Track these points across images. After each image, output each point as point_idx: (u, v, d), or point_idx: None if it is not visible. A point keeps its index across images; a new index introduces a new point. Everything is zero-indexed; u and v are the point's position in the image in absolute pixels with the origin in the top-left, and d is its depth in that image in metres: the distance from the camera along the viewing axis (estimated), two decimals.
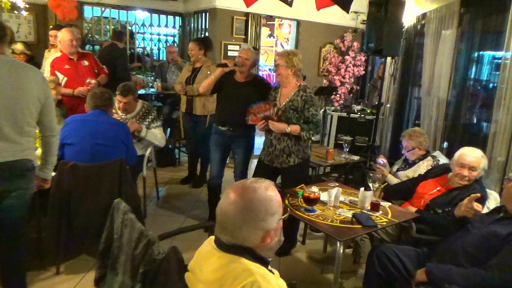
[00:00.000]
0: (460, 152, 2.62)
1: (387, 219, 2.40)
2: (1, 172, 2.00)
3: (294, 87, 2.98)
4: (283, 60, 2.92)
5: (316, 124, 2.93)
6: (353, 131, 5.30)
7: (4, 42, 2.03)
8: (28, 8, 4.86)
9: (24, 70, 2.05)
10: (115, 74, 4.72)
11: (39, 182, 2.30)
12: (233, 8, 5.77)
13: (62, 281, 2.67)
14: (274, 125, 2.90)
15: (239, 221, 1.22)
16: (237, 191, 1.26)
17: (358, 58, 6.50)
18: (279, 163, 3.04)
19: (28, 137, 2.11)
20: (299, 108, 2.92)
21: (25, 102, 2.04)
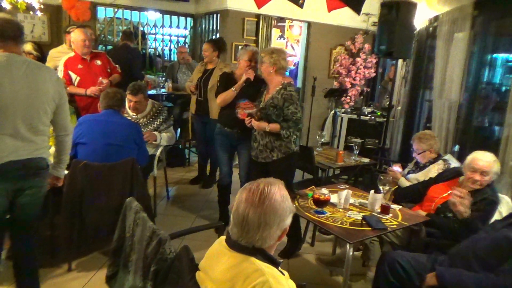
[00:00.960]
0: (472, 156, 2.60)
1: (397, 222, 2.39)
2: (17, 170, 2.03)
3: (277, 84, 3.03)
4: (266, 58, 2.98)
5: (295, 122, 2.96)
6: (363, 134, 5.29)
7: (20, 42, 2.06)
8: (42, 9, 4.94)
9: (40, 70, 2.08)
10: (132, 74, 4.76)
11: (52, 180, 2.34)
12: (244, 10, 5.79)
13: (74, 278, 2.71)
14: (255, 123, 2.99)
15: (262, 225, 1.24)
16: (254, 195, 1.27)
17: (369, 60, 6.47)
18: (263, 158, 3.11)
19: (43, 136, 2.14)
20: (278, 106, 2.96)
21: (41, 102, 2.07)
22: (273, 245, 1.31)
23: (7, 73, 1.94)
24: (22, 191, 2.10)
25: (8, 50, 1.99)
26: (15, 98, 1.97)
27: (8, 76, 1.95)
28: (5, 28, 1.97)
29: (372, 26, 6.51)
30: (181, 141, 5.75)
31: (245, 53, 3.31)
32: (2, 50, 1.98)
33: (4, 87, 1.93)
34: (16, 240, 2.23)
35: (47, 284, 2.60)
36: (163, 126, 3.79)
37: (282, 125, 2.95)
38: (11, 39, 1.99)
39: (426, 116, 5.35)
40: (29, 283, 2.29)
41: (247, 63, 3.29)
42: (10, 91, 1.95)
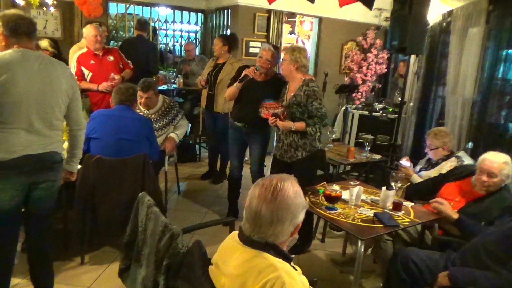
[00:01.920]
0: (482, 157, 2.54)
1: (409, 219, 2.37)
2: (32, 164, 2.05)
3: (299, 82, 3.01)
4: (287, 56, 2.97)
5: (321, 118, 2.94)
6: (375, 130, 5.24)
7: (33, 38, 2.08)
8: (55, 5, 4.97)
9: (53, 65, 2.11)
10: (148, 68, 4.78)
11: (65, 175, 2.36)
12: (255, 5, 5.77)
13: (87, 271, 2.74)
14: (280, 123, 2.97)
15: (274, 220, 1.24)
16: (267, 191, 1.27)
17: (380, 56, 6.40)
18: (288, 157, 3.09)
19: (57, 131, 2.17)
20: (302, 103, 2.94)
21: (55, 97, 2.10)
22: (286, 240, 1.31)
23: (21, 69, 1.97)
24: (36, 185, 2.13)
25: (22, 45, 2.01)
26: (29, 93, 1.99)
27: (23, 71, 1.97)
28: (19, 24, 1.99)
29: (384, 21, 6.43)
30: (192, 137, 5.77)
31: (260, 49, 3.30)
32: (16, 46, 2.00)
33: (19, 82, 1.95)
34: (31, 233, 2.26)
35: (60, 276, 2.64)
36: (176, 120, 3.82)
37: (308, 122, 2.92)
38: (25, 35, 2.02)
39: (438, 112, 5.28)
40: (44, 275, 2.32)
41: (258, 59, 3.26)
42: (24, 86, 1.97)
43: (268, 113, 3.03)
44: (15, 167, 2.01)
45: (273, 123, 3.03)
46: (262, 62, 3.22)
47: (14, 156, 1.99)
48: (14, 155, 1.99)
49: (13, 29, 1.98)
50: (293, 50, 2.96)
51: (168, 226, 1.71)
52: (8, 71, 1.93)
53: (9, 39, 2.00)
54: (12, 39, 2.00)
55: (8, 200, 2.03)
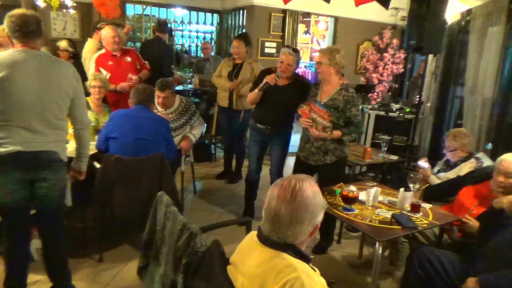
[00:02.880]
0: (501, 158, 2.49)
1: (428, 221, 2.34)
2: (27, 161, 2.07)
3: (336, 85, 2.92)
4: (326, 58, 2.85)
5: (357, 126, 2.89)
6: (391, 130, 5.19)
7: (36, 37, 2.08)
8: (74, 7, 5.07)
9: (52, 64, 2.10)
10: (162, 71, 4.82)
11: (73, 174, 2.39)
12: (271, 5, 5.78)
13: (105, 269, 2.79)
14: (315, 133, 2.88)
15: (293, 221, 1.24)
16: (286, 191, 1.27)
17: (397, 56, 6.34)
18: (314, 160, 3.02)
19: (56, 130, 2.16)
20: (340, 107, 2.87)
21: (53, 95, 2.09)
22: (305, 241, 1.31)
23: (19, 68, 1.99)
24: (37, 183, 2.15)
25: (26, 45, 2.05)
26: (26, 92, 2.02)
27: (21, 71, 2.00)
28: (22, 24, 2.02)
29: (401, 20, 6.37)
30: (208, 137, 5.80)
31: (280, 53, 3.21)
32: (20, 45, 2.04)
33: (17, 81, 1.99)
34: (43, 232, 2.32)
35: (79, 274, 2.68)
36: (193, 120, 3.85)
37: (344, 131, 2.85)
38: (28, 34, 2.04)
39: (457, 113, 5.21)
40: (59, 271, 2.37)
41: (279, 64, 3.17)
42: (21, 86, 2.00)
43: (306, 113, 2.92)
44: (9, 162, 2.04)
45: (305, 125, 2.95)
46: (284, 67, 3.13)
47: (7, 151, 2.02)
48: (7, 150, 2.02)
49: (16, 29, 2.01)
50: (331, 52, 2.86)
51: (186, 225, 1.72)
52: (6, 71, 1.97)
53: (13, 38, 2.05)
54: (16, 38, 2.04)
55: (8, 193, 2.09)
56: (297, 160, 3.20)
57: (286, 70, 3.15)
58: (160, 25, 5.27)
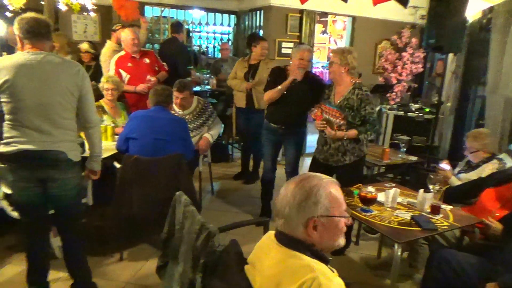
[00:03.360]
0: None
1: (448, 223, 2.31)
2: (33, 160, 2.11)
3: (348, 85, 2.93)
4: (337, 58, 2.89)
5: (372, 124, 2.88)
6: (410, 131, 5.12)
7: (45, 39, 2.13)
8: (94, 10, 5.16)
9: (53, 64, 2.12)
10: (177, 70, 4.87)
11: (87, 173, 2.42)
12: (288, 5, 5.76)
13: (125, 267, 2.84)
14: (331, 133, 2.89)
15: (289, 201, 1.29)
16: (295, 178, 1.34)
17: (416, 55, 6.24)
18: (334, 161, 3.01)
19: (64, 130, 2.17)
20: (355, 106, 2.87)
21: (54, 95, 2.11)
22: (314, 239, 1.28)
23: (21, 71, 2.04)
24: (48, 183, 2.18)
25: (36, 46, 2.10)
26: (29, 94, 2.06)
27: (23, 73, 2.04)
28: (30, 26, 2.07)
29: (420, 19, 6.27)
30: (225, 137, 5.83)
31: (298, 51, 3.21)
32: (29, 47, 2.10)
33: (19, 84, 2.04)
34: (61, 230, 2.39)
35: (100, 272, 2.74)
36: (210, 121, 3.88)
37: (360, 130, 2.86)
38: (36, 36, 2.09)
39: (478, 112, 5.10)
40: (79, 270, 2.42)
41: (298, 62, 3.19)
42: (24, 88, 2.04)
43: (319, 116, 2.94)
44: (17, 161, 2.11)
45: (320, 128, 2.96)
46: (305, 64, 3.18)
47: (13, 150, 2.08)
48: (14, 149, 2.08)
49: (25, 31, 2.07)
50: (343, 52, 2.88)
51: (204, 225, 1.74)
52: (10, 74, 2.02)
53: (22, 40, 2.11)
54: (25, 40, 2.10)
55: (21, 191, 2.17)
56: (314, 162, 3.19)
57: (306, 66, 3.19)
58: (174, 26, 5.36)
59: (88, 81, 2.26)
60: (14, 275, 2.65)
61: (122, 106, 3.83)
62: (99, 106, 3.58)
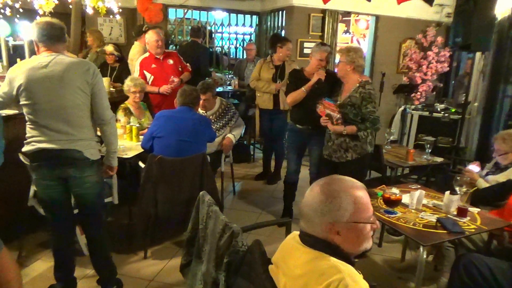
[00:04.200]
0: None
1: (476, 226, 2.25)
2: (51, 158, 2.18)
3: (355, 83, 2.96)
4: (343, 57, 2.94)
5: (372, 122, 2.89)
6: (435, 131, 5.02)
7: (60, 41, 2.20)
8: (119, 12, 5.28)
9: (66, 64, 2.16)
10: (200, 71, 4.94)
11: (105, 169, 2.45)
12: (310, 5, 5.74)
13: (149, 265, 2.89)
14: (331, 127, 2.96)
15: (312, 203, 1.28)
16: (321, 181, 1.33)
17: (442, 54, 6.10)
18: (336, 157, 3.06)
19: (79, 128, 2.21)
20: (356, 104, 2.90)
21: (65, 94, 2.15)
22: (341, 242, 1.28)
23: (35, 73, 2.11)
24: (69, 182, 2.25)
25: (50, 48, 2.17)
26: (43, 95, 2.12)
27: (37, 75, 2.11)
28: (50, 29, 2.15)
29: (446, 17, 6.14)
30: (246, 138, 5.85)
31: (318, 52, 3.25)
32: (44, 50, 2.17)
33: (33, 86, 2.11)
34: (85, 228, 2.46)
35: (125, 269, 2.79)
36: (233, 122, 3.91)
37: (359, 126, 2.88)
38: (52, 40, 2.17)
39: (507, 113, 4.95)
40: (103, 265, 2.49)
41: (318, 62, 3.24)
42: (38, 89, 2.11)
43: (323, 111, 3.01)
44: (36, 160, 2.19)
45: (324, 123, 3.02)
46: (324, 65, 3.25)
47: (33, 149, 2.16)
48: (33, 149, 2.16)
49: (39, 35, 2.15)
50: (348, 51, 2.93)
51: (228, 225, 1.75)
52: (24, 77, 2.10)
53: (38, 44, 2.19)
54: (40, 43, 2.18)
55: (44, 189, 2.25)
56: (321, 159, 3.25)
57: (326, 67, 3.27)
58: (194, 30, 5.52)
59: (100, 78, 2.29)
60: (44, 270, 2.74)
61: (144, 106, 3.90)
62: (126, 108, 3.66)
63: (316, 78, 3.20)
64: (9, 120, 2.38)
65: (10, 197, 2.88)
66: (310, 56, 3.37)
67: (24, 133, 2.22)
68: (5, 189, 2.75)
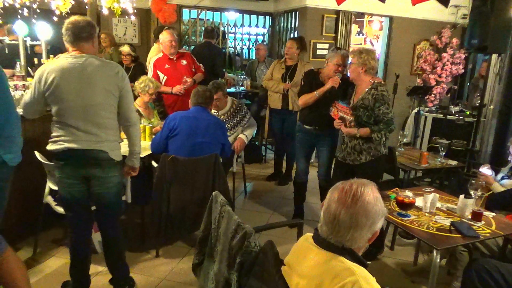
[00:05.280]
0: None
1: (491, 231, 2.22)
2: (77, 158, 2.21)
3: (367, 85, 2.94)
4: (355, 59, 2.92)
5: (387, 123, 2.86)
6: (450, 134, 4.96)
7: (88, 41, 2.20)
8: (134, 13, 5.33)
9: (96, 66, 2.19)
10: (214, 71, 4.95)
11: (127, 170, 2.49)
12: (324, 6, 5.72)
13: (161, 264, 2.91)
14: (345, 129, 2.96)
15: (353, 225, 1.24)
16: (346, 195, 1.27)
17: (457, 56, 6.04)
18: (351, 160, 3.04)
19: (105, 129, 2.25)
20: (369, 106, 2.88)
21: (96, 96, 2.19)
22: (362, 247, 1.29)
23: (65, 73, 2.13)
24: (91, 181, 2.28)
25: (78, 48, 2.19)
26: (72, 95, 2.15)
27: (66, 75, 2.13)
28: (72, 29, 2.16)
29: (461, 19, 6.07)
30: (258, 138, 5.86)
31: (335, 56, 3.22)
32: (73, 49, 2.20)
33: (63, 86, 2.13)
34: (102, 226, 2.48)
35: (137, 267, 2.82)
36: (244, 121, 3.92)
37: (373, 128, 2.86)
38: (81, 39, 2.18)
39: None
40: (117, 264, 2.51)
41: (335, 67, 3.21)
42: (67, 89, 2.14)
43: (336, 114, 3.02)
44: (62, 159, 2.23)
45: (337, 126, 3.01)
46: (341, 69, 3.22)
47: (60, 148, 2.19)
48: (61, 148, 2.19)
49: (69, 34, 2.17)
50: (360, 53, 2.91)
51: (240, 225, 1.76)
52: (55, 76, 2.12)
53: (67, 43, 2.21)
54: (69, 43, 2.20)
55: (66, 187, 2.28)
56: (336, 161, 3.24)
57: (342, 72, 3.24)
58: (208, 31, 5.54)
59: (128, 81, 2.33)
60: (58, 267, 2.78)
61: (152, 106, 3.92)
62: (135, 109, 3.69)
63: (330, 86, 3.18)
64: (26, 119, 2.41)
65: (26, 195, 2.93)
66: (326, 61, 3.33)
67: (41, 132, 2.26)
68: (21, 187, 2.80)
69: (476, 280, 2.08)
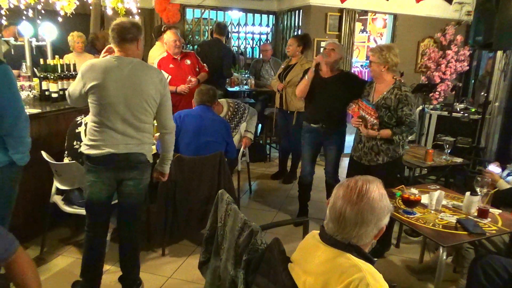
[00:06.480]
0: None
1: (497, 228, 2.22)
2: (118, 162, 2.23)
3: (389, 83, 2.87)
4: (376, 57, 2.84)
5: (409, 125, 2.80)
6: (455, 132, 4.94)
7: (127, 42, 2.19)
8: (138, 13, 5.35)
9: (143, 71, 2.23)
10: (222, 71, 4.94)
11: (157, 175, 2.54)
12: (327, 5, 5.72)
13: (167, 262, 2.93)
14: (364, 131, 2.89)
15: (359, 222, 1.25)
16: (352, 192, 1.27)
17: (461, 53, 5.99)
18: (367, 160, 2.99)
19: (144, 133, 2.29)
20: (392, 106, 2.81)
21: (140, 101, 2.21)
22: (368, 243, 1.30)
23: (110, 74, 2.15)
24: (124, 181, 2.31)
25: (122, 50, 2.20)
26: (117, 97, 2.16)
27: (112, 77, 2.15)
28: (116, 31, 2.18)
29: (466, 16, 6.03)
30: (263, 137, 5.86)
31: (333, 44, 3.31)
32: (118, 51, 2.21)
33: (109, 86, 2.14)
34: (121, 225, 2.49)
35: (144, 266, 2.82)
36: (245, 116, 3.94)
37: (395, 130, 2.80)
38: (125, 41, 2.19)
39: None
40: (131, 263, 2.52)
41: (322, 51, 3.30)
42: (113, 90, 2.15)
43: (357, 112, 2.92)
44: (103, 163, 2.22)
45: (355, 125, 2.96)
46: (327, 51, 3.23)
47: (102, 153, 2.20)
48: (102, 152, 2.19)
49: (114, 35, 2.18)
50: (381, 50, 2.84)
51: (247, 223, 1.77)
52: (100, 76, 2.13)
53: (112, 44, 2.23)
54: (113, 44, 2.22)
55: (97, 192, 2.28)
56: (351, 160, 3.18)
57: (329, 53, 3.22)
58: (220, 27, 5.26)
59: (168, 89, 2.38)
60: (66, 265, 2.80)
61: None
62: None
63: (314, 63, 3.23)
64: (33, 119, 2.43)
65: (33, 195, 2.96)
66: None
67: (48, 132, 2.26)
68: (28, 187, 2.82)
69: (482, 277, 2.08)
